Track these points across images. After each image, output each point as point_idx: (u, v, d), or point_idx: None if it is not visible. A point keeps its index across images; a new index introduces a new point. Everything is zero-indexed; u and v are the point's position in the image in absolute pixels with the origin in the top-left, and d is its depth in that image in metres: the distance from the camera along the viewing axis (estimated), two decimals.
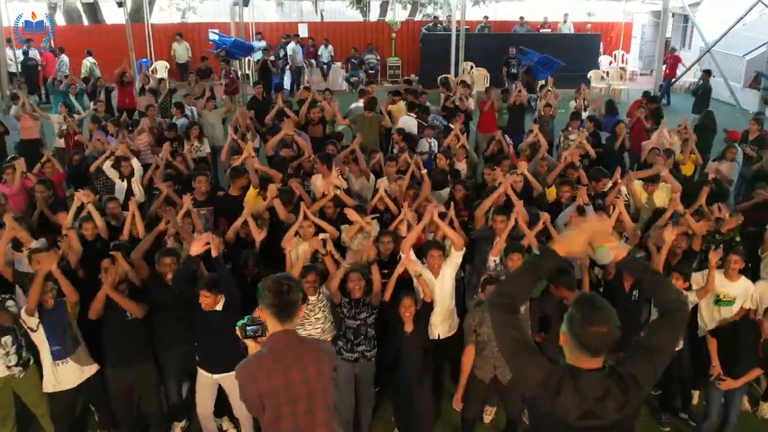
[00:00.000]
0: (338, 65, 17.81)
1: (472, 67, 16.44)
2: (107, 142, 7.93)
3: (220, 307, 4.29)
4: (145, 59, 16.89)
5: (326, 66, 17.53)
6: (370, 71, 17.67)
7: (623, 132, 8.19)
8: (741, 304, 4.94)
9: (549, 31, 19.00)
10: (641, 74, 19.67)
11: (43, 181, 6.38)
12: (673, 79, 16.01)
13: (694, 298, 4.78)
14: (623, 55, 19.42)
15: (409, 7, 23.31)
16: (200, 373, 4.47)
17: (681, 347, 4.93)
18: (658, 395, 5.08)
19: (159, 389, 4.69)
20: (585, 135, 7.94)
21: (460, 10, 15.22)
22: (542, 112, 9.63)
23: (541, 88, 10.92)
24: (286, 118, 8.27)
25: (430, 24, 19.48)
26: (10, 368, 4.34)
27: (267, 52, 15.21)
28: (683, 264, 4.89)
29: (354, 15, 23.90)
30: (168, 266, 4.50)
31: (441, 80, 13.19)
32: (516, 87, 10.71)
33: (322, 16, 23.17)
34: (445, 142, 7.97)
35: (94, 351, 4.53)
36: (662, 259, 4.68)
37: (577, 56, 16.85)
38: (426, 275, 4.63)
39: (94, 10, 19.89)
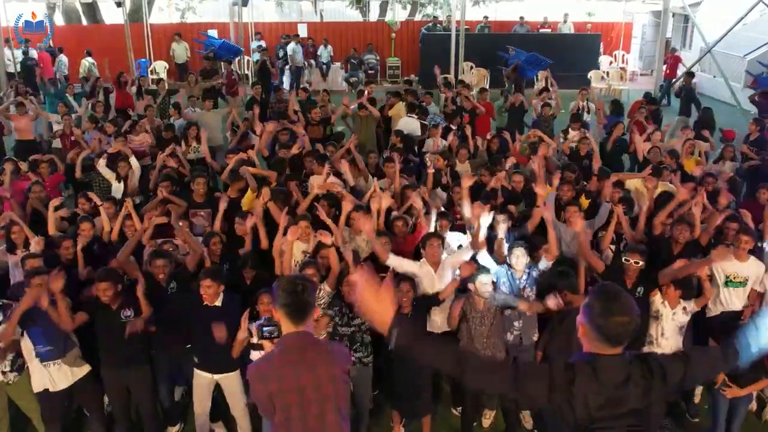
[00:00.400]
0: (338, 65, 17.77)
1: (472, 67, 16.41)
2: (106, 142, 7.90)
3: (219, 302, 4.26)
4: (143, 59, 16.86)
5: (326, 66, 17.49)
6: (369, 71, 17.64)
7: (620, 131, 8.13)
8: (752, 285, 4.87)
9: (549, 31, 18.96)
10: (641, 74, 19.64)
11: (38, 182, 6.32)
12: (673, 80, 15.95)
13: (693, 307, 4.71)
14: (623, 56, 19.38)
15: (409, 7, 23.27)
16: (198, 374, 4.44)
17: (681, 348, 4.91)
18: None
19: (154, 391, 4.64)
20: (585, 134, 7.93)
21: (459, 10, 15.18)
22: (542, 112, 9.57)
23: (541, 91, 10.81)
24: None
25: (430, 24, 19.44)
26: (5, 374, 4.30)
27: (265, 52, 15.17)
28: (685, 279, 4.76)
29: (353, 15, 23.86)
30: (160, 268, 4.46)
31: (441, 81, 13.16)
32: (518, 95, 10.66)
33: (321, 16, 23.14)
34: (446, 143, 7.93)
35: (90, 351, 4.48)
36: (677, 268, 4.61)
37: (577, 56, 16.84)
38: (424, 268, 4.66)
39: (92, 10, 19.87)
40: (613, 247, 5.48)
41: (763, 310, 2.30)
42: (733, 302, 4.92)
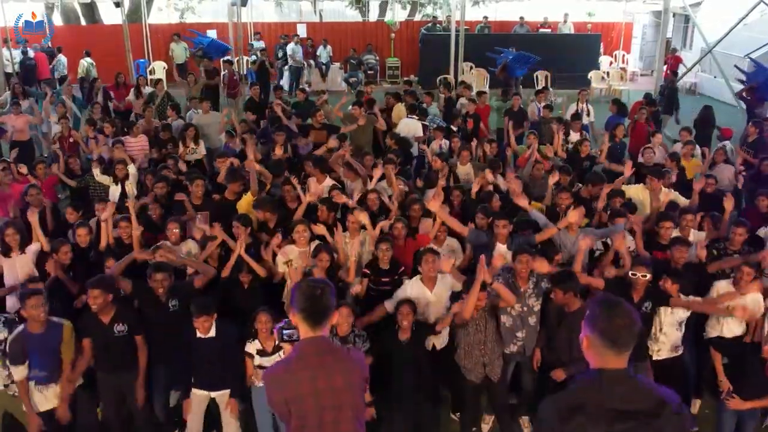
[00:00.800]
0: (337, 66, 17.71)
1: (471, 68, 16.36)
2: (106, 142, 7.86)
3: (213, 333, 4.21)
4: (142, 59, 16.81)
5: (325, 66, 17.44)
6: (369, 72, 17.59)
7: (621, 134, 8.06)
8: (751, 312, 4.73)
9: (549, 31, 18.91)
10: (642, 75, 19.57)
11: (34, 185, 6.28)
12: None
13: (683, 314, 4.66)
14: (624, 56, 19.32)
15: (409, 7, 23.20)
16: (194, 393, 4.38)
17: (681, 353, 4.84)
18: None
19: (149, 398, 4.57)
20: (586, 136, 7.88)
21: (459, 10, 15.13)
22: (543, 114, 9.54)
23: (537, 92, 10.77)
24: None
25: (430, 24, 19.37)
26: (7, 387, 4.30)
27: (264, 52, 15.13)
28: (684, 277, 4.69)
29: (353, 15, 23.81)
30: (160, 282, 4.39)
31: (441, 81, 13.15)
32: (515, 94, 10.61)
33: (321, 16, 23.09)
34: (443, 144, 7.88)
35: None
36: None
37: (577, 57, 16.80)
38: (416, 287, 4.62)
39: (91, 10, 19.83)
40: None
41: None
42: (730, 328, 4.80)
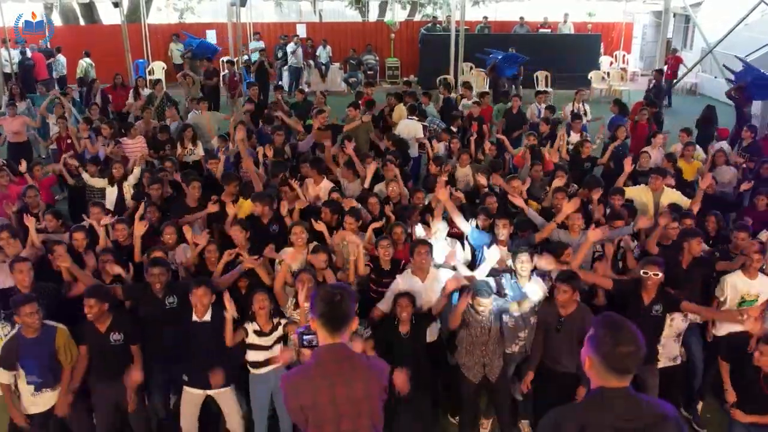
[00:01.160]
0: (336, 66, 17.67)
1: (471, 68, 16.31)
2: (104, 143, 7.82)
3: (208, 317, 4.18)
4: (141, 60, 16.76)
5: (324, 67, 17.39)
6: (368, 72, 17.54)
7: (623, 135, 7.99)
8: (765, 299, 4.70)
9: (549, 31, 18.86)
10: (642, 75, 19.50)
11: (32, 186, 6.23)
12: (674, 80, 15.85)
13: (694, 317, 4.61)
14: (624, 56, 19.28)
15: (408, 7, 23.16)
16: (186, 391, 4.34)
17: (683, 361, 4.80)
18: None
19: (143, 402, 4.53)
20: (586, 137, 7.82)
21: (459, 10, 15.06)
22: (544, 114, 9.50)
23: (537, 93, 10.72)
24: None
25: (430, 24, 19.33)
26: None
27: (263, 52, 15.09)
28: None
29: (353, 15, 23.77)
30: (156, 276, 4.36)
31: (441, 81, 13.11)
32: (515, 95, 10.58)
33: (320, 16, 23.05)
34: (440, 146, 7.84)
35: None
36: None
37: (577, 57, 16.76)
38: (406, 279, 4.59)
39: (90, 11, 19.78)
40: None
41: None
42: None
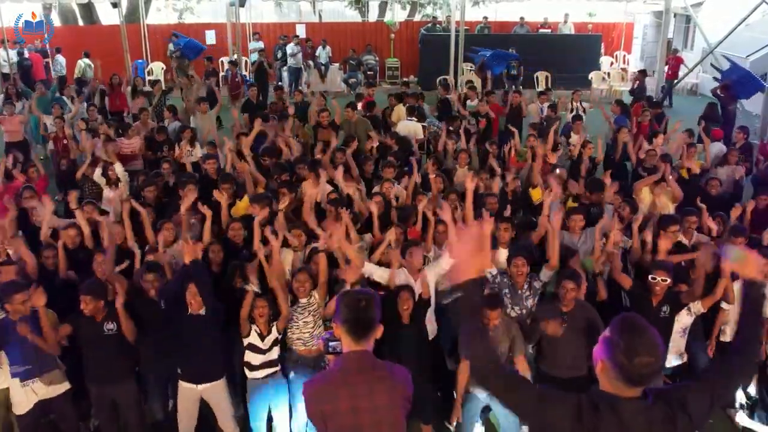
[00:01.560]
0: (336, 66, 17.62)
1: (471, 68, 16.25)
2: (95, 144, 7.76)
3: (203, 311, 4.15)
4: (140, 60, 16.72)
5: (324, 67, 17.34)
6: (368, 72, 17.49)
7: (625, 139, 7.90)
8: None
9: (549, 31, 18.81)
10: None
11: (29, 186, 6.18)
12: (675, 81, 15.81)
13: (699, 308, 4.53)
14: (625, 56, 19.23)
15: (408, 7, 23.11)
16: (182, 386, 4.29)
17: (686, 360, 4.73)
18: None
19: (140, 405, 4.50)
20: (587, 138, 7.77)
21: (459, 10, 15.01)
22: (547, 113, 9.47)
23: (540, 93, 10.68)
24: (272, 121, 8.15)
25: (430, 24, 19.28)
26: None
27: (263, 53, 15.05)
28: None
29: (352, 15, 23.72)
30: (150, 282, 4.33)
31: (440, 81, 13.06)
32: (512, 90, 10.54)
33: (320, 16, 23.00)
34: (440, 146, 7.79)
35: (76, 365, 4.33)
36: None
37: (577, 57, 16.71)
38: (401, 276, 4.53)
39: (89, 11, 19.73)
40: None
41: None
42: None
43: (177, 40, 15.34)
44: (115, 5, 14.46)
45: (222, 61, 16.61)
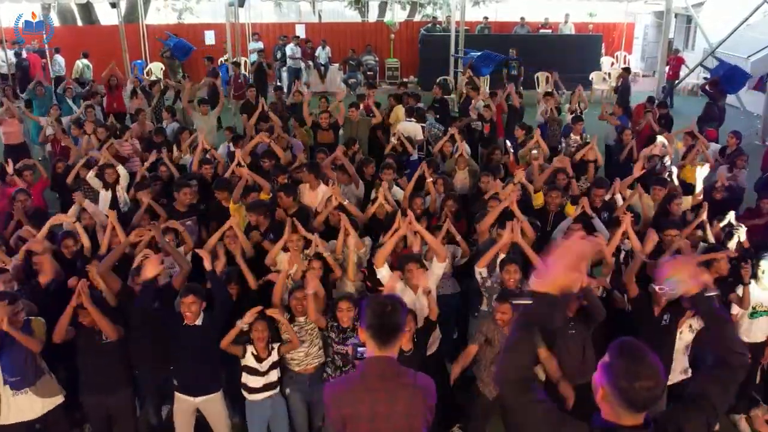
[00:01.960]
0: (336, 66, 17.55)
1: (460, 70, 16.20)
2: (97, 147, 7.69)
3: (199, 322, 4.07)
4: (139, 60, 16.65)
5: (324, 67, 17.28)
6: (368, 73, 17.42)
7: (630, 141, 7.82)
8: None
9: (550, 31, 18.75)
10: (644, 76, 19.40)
11: (23, 190, 6.11)
12: (676, 81, 15.75)
13: (699, 324, 4.45)
14: (625, 57, 19.14)
15: (408, 7, 23.05)
16: (178, 398, 4.22)
17: (690, 375, 4.64)
18: None
19: (135, 414, 4.44)
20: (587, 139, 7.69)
21: (459, 10, 14.96)
22: (551, 115, 9.41)
23: (546, 94, 10.58)
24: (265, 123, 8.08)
25: (430, 25, 19.21)
26: None
27: (262, 53, 14.98)
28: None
29: (352, 16, 23.65)
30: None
31: (440, 82, 12.99)
32: (507, 88, 10.47)
33: (320, 16, 22.93)
34: (436, 148, 7.72)
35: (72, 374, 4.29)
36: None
37: (578, 57, 16.63)
38: (406, 293, 4.40)
39: (88, 11, 19.66)
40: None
41: None
42: (755, 334, 4.65)
43: (167, 41, 15.40)
44: (113, 5, 14.41)
45: (220, 61, 16.54)
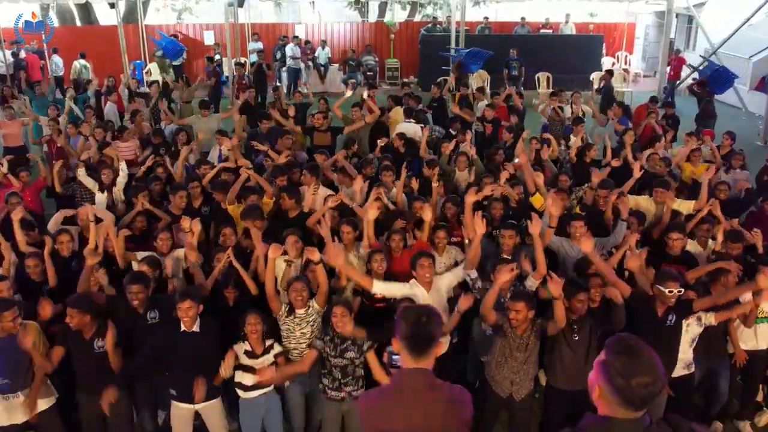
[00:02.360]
0: (336, 67, 17.49)
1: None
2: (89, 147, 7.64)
3: (197, 328, 4.02)
4: (138, 61, 16.60)
5: (323, 68, 17.22)
6: (368, 73, 17.36)
7: (631, 140, 7.74)
8: None
9: (550, 32, 18.68)
10: (645, 76, 19.32)
11: (15, 193, 6.04)
12: (677, 81, 15.69)
13: (711, 320, 4.39)
14: (626, 57, 19.07)
15: (408, 7, 23.00)
16: (175, 406, 4.16)
17: (693, 371, 4.59)
18: None
19: (131, 419, 4.38)
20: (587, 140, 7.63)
21: (459, 10, 14.90)
22: (551, 115, 9.35)
23: (552, 94, 10.51)
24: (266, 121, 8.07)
25: (430, 25, 19.16)
26: None
27: (261, 54, 14.92)
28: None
29: (352, 16, 23.59)
30: (134, 294, 4.18)
31: (440, 82, 12.91)
32: (507, 89, 10.41)
33: (319, 16, 22.87)
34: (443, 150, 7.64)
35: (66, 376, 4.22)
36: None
37: (579, 57, 16.58)
38: (415, 289, 4.34)
39: (87, 11, 19.60)
40: None
41: None
42: (759, 341, 4.61)
43: (159, 40, 15.32)
44: (112, 5, 14.36)
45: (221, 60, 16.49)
